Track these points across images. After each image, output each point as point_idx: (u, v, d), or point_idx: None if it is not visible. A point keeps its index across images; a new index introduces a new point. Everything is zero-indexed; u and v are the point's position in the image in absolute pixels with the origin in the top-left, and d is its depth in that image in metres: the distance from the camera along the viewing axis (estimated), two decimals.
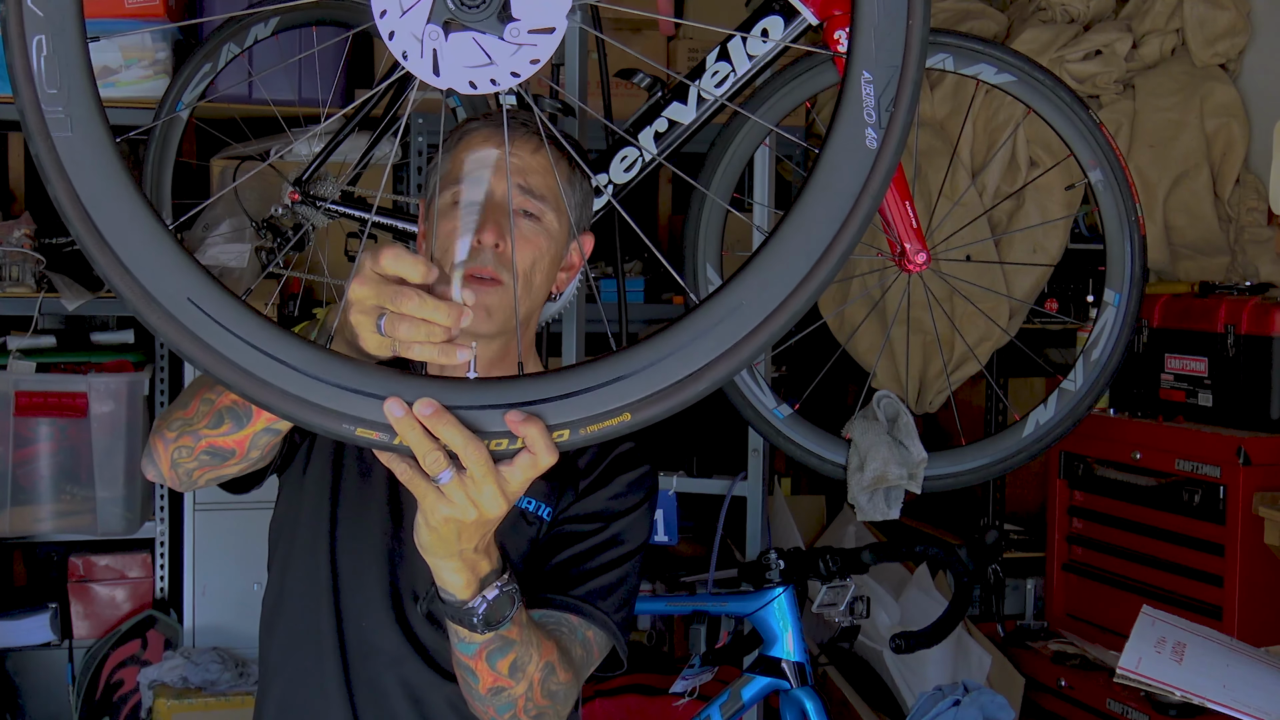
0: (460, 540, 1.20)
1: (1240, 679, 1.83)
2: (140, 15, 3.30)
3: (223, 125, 3.41)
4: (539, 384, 1.09)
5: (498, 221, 1.54)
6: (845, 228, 1.07)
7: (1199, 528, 3.10)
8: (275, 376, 1.08)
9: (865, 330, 3.63)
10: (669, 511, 2.92)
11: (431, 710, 1.62)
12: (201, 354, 1.07)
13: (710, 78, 2.05)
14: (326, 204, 2.48)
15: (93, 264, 1.08)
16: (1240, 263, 3.40)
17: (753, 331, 1.08)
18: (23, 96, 1.05)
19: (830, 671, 3.48)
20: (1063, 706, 3.34)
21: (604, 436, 1.10)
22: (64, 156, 1.06)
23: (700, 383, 1.08)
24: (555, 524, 1.64)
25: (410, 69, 1.09)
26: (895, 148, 1.07)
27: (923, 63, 1.08)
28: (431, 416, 1.07)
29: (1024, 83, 2.14)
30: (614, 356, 1.09)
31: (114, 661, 3.45)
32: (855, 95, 1.07)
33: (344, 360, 1.09)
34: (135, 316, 1.09)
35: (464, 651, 1.35)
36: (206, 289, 1.07)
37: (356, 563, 1.64)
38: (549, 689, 1.41)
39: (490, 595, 1.29)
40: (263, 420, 1.36)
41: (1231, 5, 3.44)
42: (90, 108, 1.06)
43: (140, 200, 1.07)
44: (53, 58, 1.05)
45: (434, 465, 1.11)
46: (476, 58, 1.09)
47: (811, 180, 1.08)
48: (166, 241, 1.07)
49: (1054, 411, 2.24)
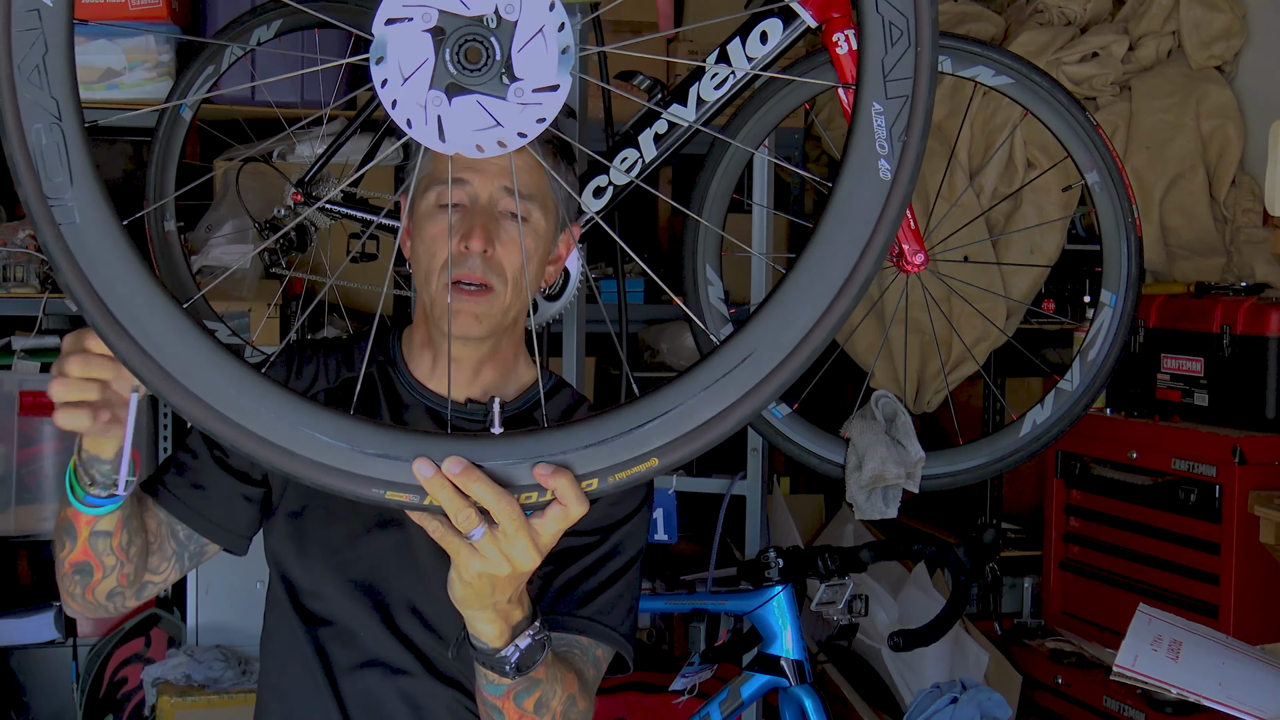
0: (494, 594, 1.21)
1: (1236, 677, 1.84)
2: (143, 18, 3.32)
3: (226, 127, 3.42)
4: (566, 435, 1.09)
5: (485, 227, 1.51)
6: (862, 260, 1.08)
7: (1195, 526, 3.10)
8: (302, 447, 1.08)
9: (863, 330, 3.64)
10: (669, 510, 2.92)
11: (431, 717, 1.62)
12: (226, 430, 1.07)
13: (709, 80, 2.05)
14: (329, 205, 2.49)
15: (110, 349, 1.08)
16: (1236, 263, 3.41)
17: (774, 370, 1.08)
18: (25, 187, 1.04)
19: (829, 669, 3.49)
20: (1060, 704, 3.34)
21: (633, 482, 1.10)
22: (72, 246, 1.04)
23: (725, 423, 1.09)
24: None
25: (415, 137, 1.08)
26: (910, 176, 1.07)
27: (933, 89, 1.07)
28: (461, 475, 1.08)
29: (1021, 85, 2.14)
30: (639, 402, 1.09)
31: (118, 659, 3.46)
32: (866, 127, 1.06)
33: (370, 425, 1.09)
34: (157, 397, 1.09)
35: (491, 693, 1.36)
36: (226, 367, 1.07)
37: (343, 575, 1.62)
38: (569, 718, 1.42)
39: (523, 644, 1.29)
40: (86, 528, 1.39)
41: (1227, 8, 3.45)
42: (94, 192, 1.04)
43: (153, 283, 1.07)
44: (52, 145, 1.03)
45: (466, 523, 1.11)
46: (482, 121, 1.08)
47: (827, 214, 1.08)
48: (183, 323, 1.07)
49: (1051, 411, 2.24)
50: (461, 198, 1.54)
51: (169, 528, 1.58)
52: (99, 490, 1.36)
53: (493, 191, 1.53)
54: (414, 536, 1.62)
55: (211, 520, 1.61)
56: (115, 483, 1.35)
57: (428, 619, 1.62)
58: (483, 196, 1.53)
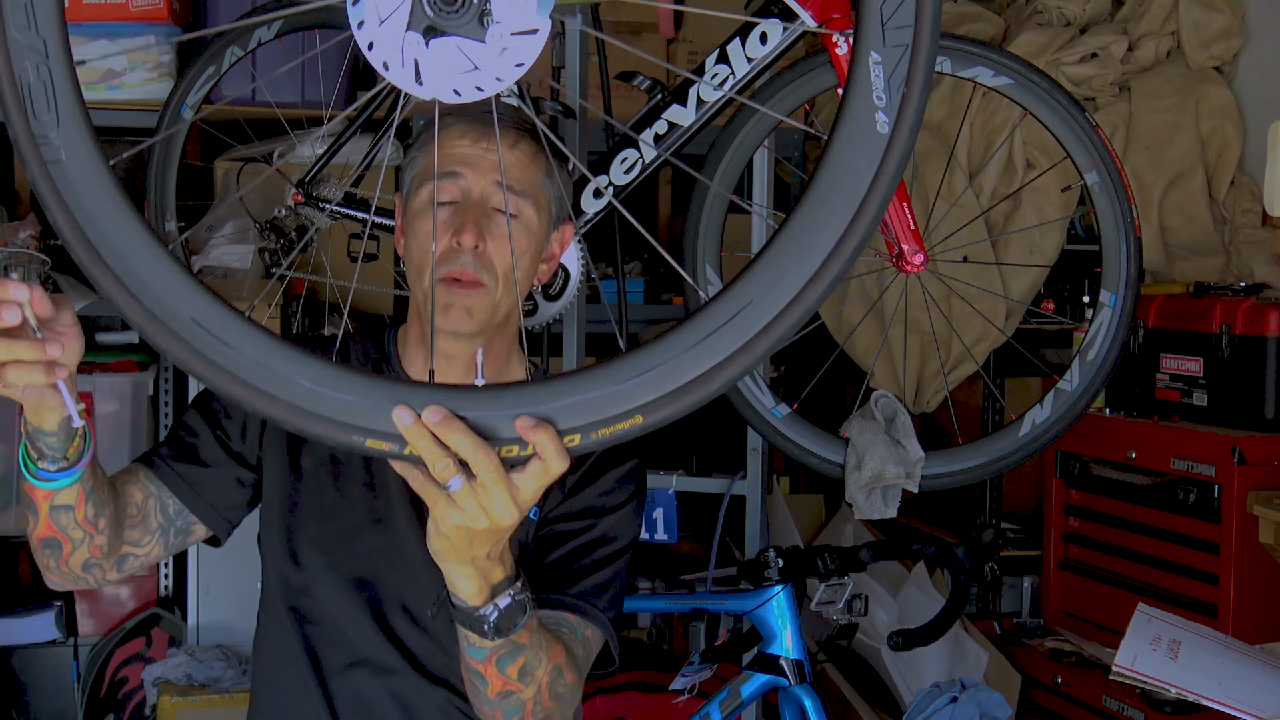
0: (472, 547, 1.19)
1: (1235, 676, 1.84)
2: (145, 19, 3.32)
3: (226, 127, 3.43)
4: (549, 389, 1.07)
5: (476, 222, 1.51)
6: (858, 218, 1.02)
7: (1194, 526, 3.11)
8: (283, 391, 1.06)
9: (863, 330, 3.65)
10: (669, 510, 2.93)
11: (421, 717, 1.62)
12: (208, 372, 1.06)
13: (709, 80, 2.06)
14: (329, 205, 2.49)
15: (96, 288, 1.07)
16: (1235, 264, 3.41)
17: (765, 329, 1.04)
18: (15, 125, 1.04)
19: (828, 669, 3.49)
20: (1059, 703, 3.35)
21: (616, 440, 1.07)
22: (59, 184, 1.04)
23: (713, 383, 1.04)
24: (544, 524, 1.62)
25: (392, 80, 1.05)
26: (909, 130, 1.01)
27: (936, 37, 1.01)
28: (440, 424, 1.06)
29: (1021, 85, 2.15)
30: (624, 358, 1.06)
31: (118, 659, 3.46)
32: (864, 77, 1.00)
33: (352, 372, 1.08)
34: (141, 337, 1.09)
35: (473, 656, 1.34)
36: (210, 308, 1.06)
37: (332, 576, 1.62)
38: (556, 691, 1.40)
39: (502, 603, 1.28)
40: (45, 502, 1.38)
41: (1226, 8, 3.45)
42: (81, 131, 1.05)
43: (139, 223, 1.06)
44: (39, 85, 1.03)
45: (443, 472, 1.10)
46: (460, 64, 1.05)
47: (821, 170, 1.02)
48: (168, 263, 1.06)
49: (1050, 411, 2.25)
50: (454, 193, 1.54)
51: (159, 501, 1.58)
52: (48, 464, 1.35)
53: (484, 187, 1.53)
54: (404, 535, 1.63)
55: (204, 499, 1.61)
56: (64, 455, 1.34)
57: (418, 618, 1.62)
58: (474, 192, 1.53)
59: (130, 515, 1.54)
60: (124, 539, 1.52)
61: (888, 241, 2.10)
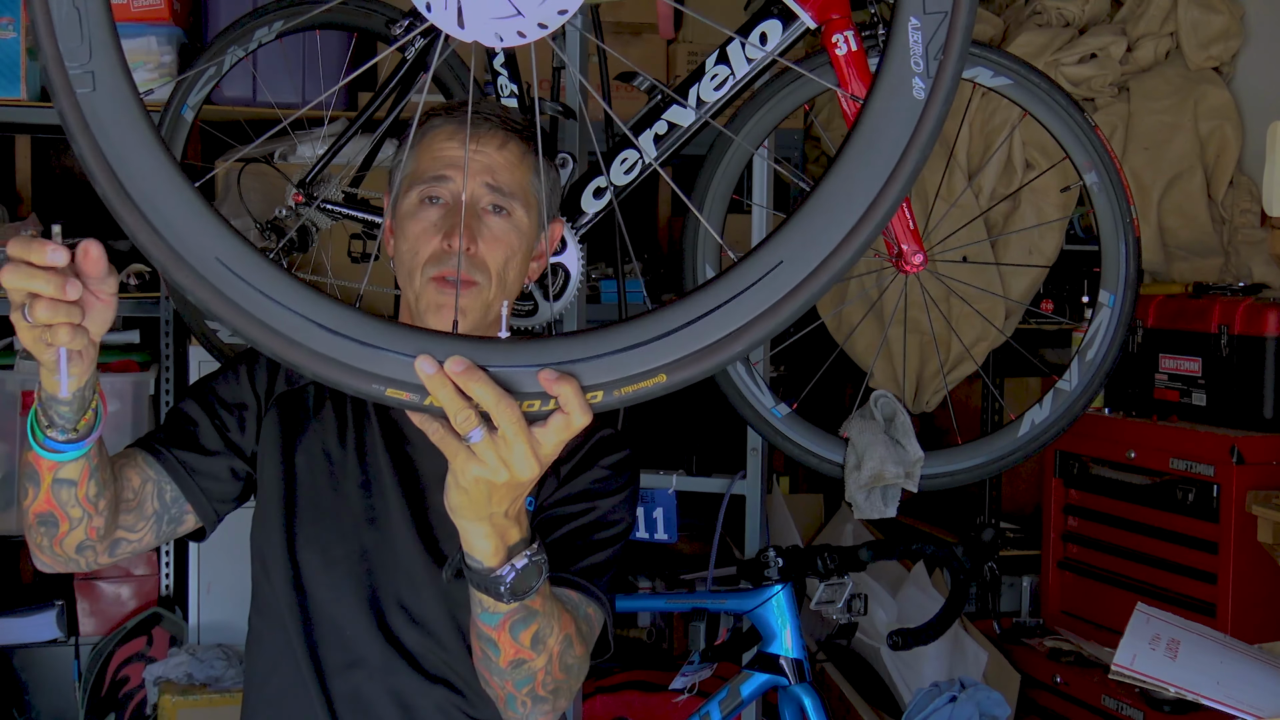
0: (490, 503, 1.18)
1: (1233, 675, 1.84)
2: (146, 19, 3.33)
3: (227, 127, 3.44)
4: (573, 344, 1.05)
5: (467, 225, 1.51)
6: (892, 181, 1.02)
7: (1193, 526, 3.12)
8: (304, 336, 1.04)
9: (863, 330, 3.66)
10: (669, 509, 2.93)
11: (420, 716, 1.62)
12: (230, 313, 1.05)
13: (709, 81, 2.06)
14: (330, 205, 2.50)
15: (119, 223, 1.05)
16: (1234, 264, 3.42)
17: (794, 290, 1.03)
18: (45, 52, 1.02)
19: (828, 668, 3.50)
20: (1058, 703, 3.36)
21: (638, 398, 1.06)
22: (87, 114, 1.03)
23: (738, 343, 1.03)
24: (540, 511, 1.62)
25: (434, 21, 1.04)
26: (945, 96, 1.01)
27: (975, 6, 1.02)
28: (463, 374, 1.05)
29: (1020, 86, 2.15)
30: (649, 316, 1.05)
31: (120, 658, 3.47)
32: (902, 43, 1.01)
33: (375, 319, 1.06)
34: (163, 275, 1.06)
35: (487, 622, 1.32)
36: (235, 249, 1.04)
37: (328, 575, 1.62)
38: (566, 662, 1.39)
39: (519, 564, 1.26)
40: (49, 474, 1.35)
41: (1225, 9, 3.46)
42: (113, 63, 1.03)
43: (168, 159, 1.04)
44: (73, 13, 1.02)
45: (465, 424, 1.08)
46: (502, 8, 1.03)
47: (856, 132, 1.02)
48: (195, 201, 1.04)
49: (1049, 411, 2.25)
50: (444, 195, 1.55)
51: (156, 486, 1.57)
52: (57, 434, 1.32)
53: (475, 188, 1.54)
54: (400, 533, 1.63)
55: (200, 487, 1.60)
56: (74, 426, 1.32)
57: (416, 617, 1.62)
58: (466, 195, 1.54)
59: (126, 500, 1.52)
60: (119, 523, 1.51)
61: (887, 242, 2.10)
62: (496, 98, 2.21)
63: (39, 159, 4.06)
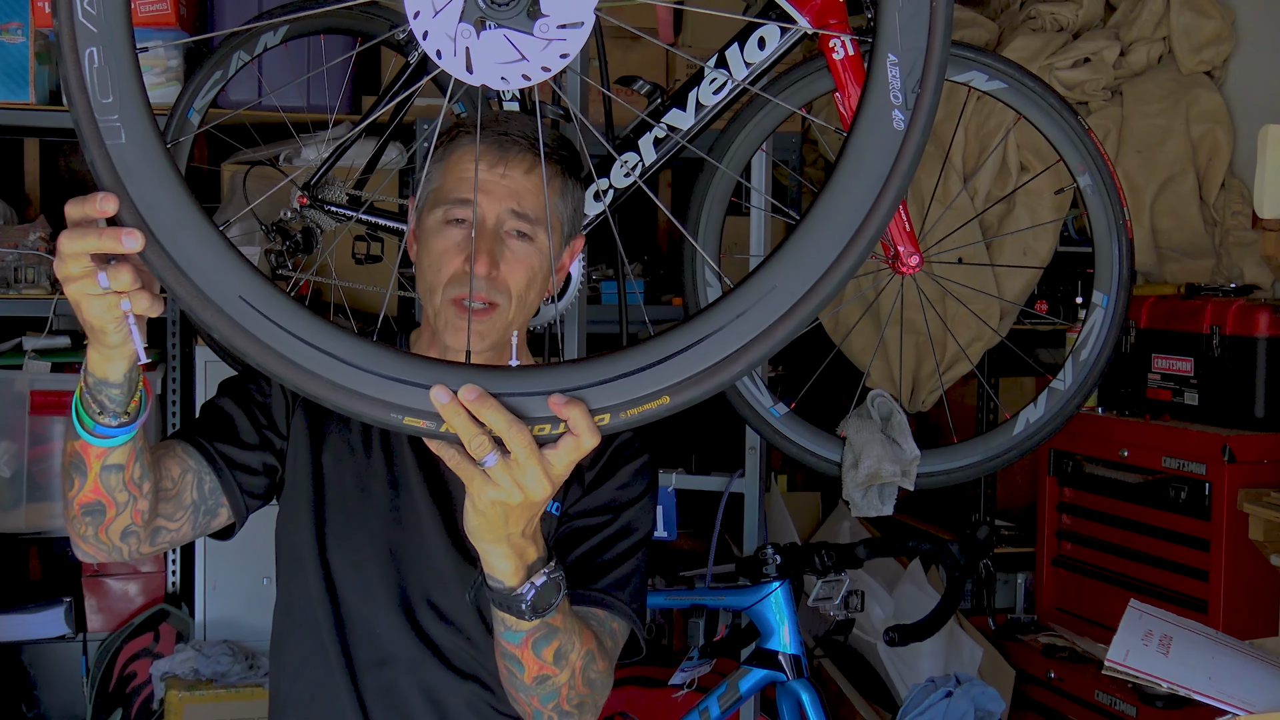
0: (507, 524, 1.23)
1: (1225, 671, 1.84)
2: (153, 24, 3.35)
3: (233, 131, 3.46)
4: (580, 370, 1.12)
5: (490, 250, 1.52)
6: (876, 208, 1.09)
7: (1185, 524, 3.13)
8: (325, 369, 1.11)
9: (859, 331, 3.67)
10: (668, 507, 2.94)
11: (451, 711, 1.64)
12: (254, 349, 1.11)
13: (708, 85, 2.08)
14: (334, 208, 2.52)
15: (146, 264, 1.11)
16: (1225, 265, 3.43)
17: (787, 313, 1.10)
18: (77, 107, 1.08)
19: (825, 664, 3.51)
20: (1052, 698, 3.38)
21: (643, 420, 1.12)
22: (118, 163, 1.09)
23: (737, 364, 1.10)
24: (564, 520, 1.64)
25: (444, 67, 1.11)
26: (923, 128, 1.09)
27: (947, 44, 1.09)
28: (475, 401, 1.10)
29: (1014, 90, 2.15)
30: (652, 341, 1.11)
31: (127, 654, 3.48)
32: (881, 78, 1.08)
33: (391, 352, 1.12)
34: (188, 315, 1.12)
35: (510, 640, 1.36)
36: (257, 286, 1.10)
37: (358, 574, 1.63)
38: (589, 677, 1.43)
39: (538, 582, 1.31)
40: (97, 461, 1.34)
41: (1217, 14, 3.48)
42: (141, 115, 1.09)
43: (192, 203, 1.10)
44: (104, 69, 1.08)
45: (479, 449, 1.14)
46: (508, 54, 1.10)
47: (841, 162, 1.09)
48: (218, 242, 1.10)
49: (1044, 410, 2.25)
50: (469, 218, 1.54)
51: (196, 477, 1.56)
52: (108, 419, 1.30)
53: (499, 213, 1.54)
54: (428, 532, 1.65)
55: (238, 481, 1.59)
56: (125, 409, 1.30)
57: (445, 614, 1.64)
58: (489, 219, 1.54)
59: (165, 489, 1.50)
60: (159, 511, 1.50)
61: (884, 244, 2.11)
62: (499, 103, 2.22)
63: (47, 162, 4.08)
